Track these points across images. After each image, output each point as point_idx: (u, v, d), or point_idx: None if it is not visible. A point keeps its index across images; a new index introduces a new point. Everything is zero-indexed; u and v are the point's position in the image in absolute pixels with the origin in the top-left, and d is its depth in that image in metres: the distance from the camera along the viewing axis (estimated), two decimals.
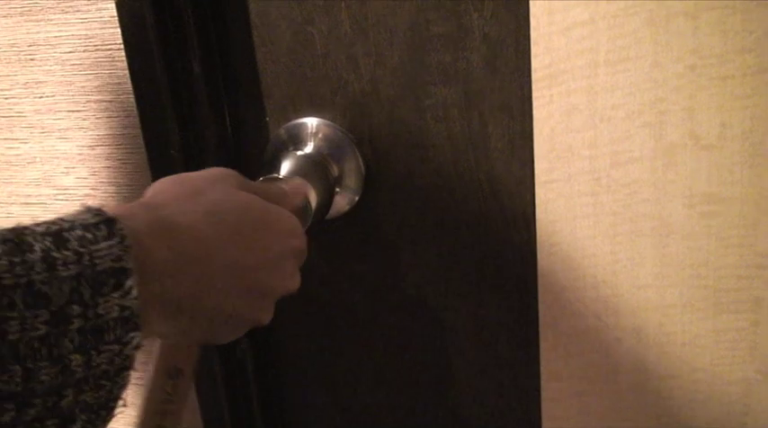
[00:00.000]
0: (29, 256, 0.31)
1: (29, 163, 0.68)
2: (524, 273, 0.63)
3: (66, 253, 0.32)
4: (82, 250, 0.32)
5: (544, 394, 0.65)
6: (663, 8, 0.53)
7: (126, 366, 0.34)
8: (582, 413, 0.65)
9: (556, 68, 0.56)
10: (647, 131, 0.56)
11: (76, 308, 0.31)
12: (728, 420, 0.62)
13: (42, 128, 0.67)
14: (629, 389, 0.63)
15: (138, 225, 0.36)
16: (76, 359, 0.32)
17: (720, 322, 0.60)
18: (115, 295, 0.32)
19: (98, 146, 0.66)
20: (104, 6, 0.61)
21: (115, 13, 0.59)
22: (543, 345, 0.64)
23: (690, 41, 0.53)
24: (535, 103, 0.58)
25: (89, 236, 0.33)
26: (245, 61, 0.63)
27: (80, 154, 0.67)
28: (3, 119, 0.67)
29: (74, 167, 0.68)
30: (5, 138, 0.68)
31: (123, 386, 0.34)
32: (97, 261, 0.32)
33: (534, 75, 0.57)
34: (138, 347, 0.34)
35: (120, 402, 0.34)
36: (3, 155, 0.69)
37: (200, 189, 0.43)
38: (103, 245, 0.33)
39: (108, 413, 0.34)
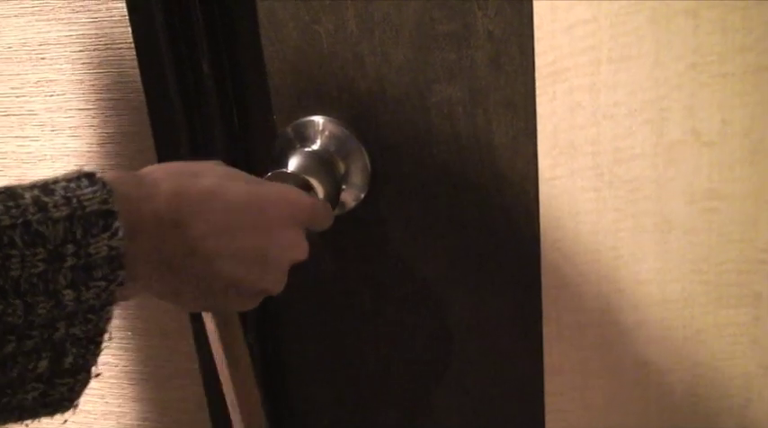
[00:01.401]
0: (21, 201, 0.34)
1: (40, 160, 0.69)
2: (528, 268, 0.64)
3: (54, 198, 0.34)
4: (69, 195, 0.35)
5: (547, 388, 0.66)
6: (664, 7, 0.53)
7: (110, 301, 0.36)
8: (584, 407, 0.66)
9: (559, 66, 0.57)
10: (649, 128, 0.57)
11: (70, 247, 0.34)
12: (730, 414, 0.63)
13: (53, 126, 0.68)
14: (631, 384, 0.64)
15: (123, 184, 0.38)
16: (68, 294, 0.34)
17: (721, 317, 0.60)
18: (104, 236, 0.35)
19: (108, 143, 0.67)
20: (114, 6, 0.62)
21: (125, 13, 0.60)
22: (546, 340, 0.65)
23: (691, 40, 0.54)
24: (539, 100, 0.58)
25: (72, 185, 0.36)
26: (252, 60, 0.64)
27: (90, 151, 0.68)
28: (14, 117, 0.68)
29: (84, 165, 0.69)
30: (17, 136, 0.69)
31: (108, 319, 0.37)
32: (86, 203, 0.35)
33: (538, 73, 0.58)
34: (121, 284, 0.36)
35: (106, 336, 0.37)
36: (14, 152, 0.70)
37: (194, 168, 0.45)
38: (88, 190, 0.35)
39: (96, 347, 0.37)
